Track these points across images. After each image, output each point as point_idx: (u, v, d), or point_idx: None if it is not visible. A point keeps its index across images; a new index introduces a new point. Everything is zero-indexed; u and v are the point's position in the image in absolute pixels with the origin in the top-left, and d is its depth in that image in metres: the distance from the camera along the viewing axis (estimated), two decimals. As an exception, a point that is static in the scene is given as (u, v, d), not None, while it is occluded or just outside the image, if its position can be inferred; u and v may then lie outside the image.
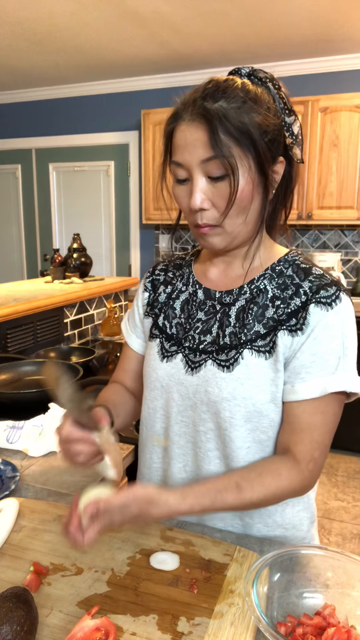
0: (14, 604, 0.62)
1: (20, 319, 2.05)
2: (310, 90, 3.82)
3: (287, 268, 0.85)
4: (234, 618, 0.68)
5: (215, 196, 0.77)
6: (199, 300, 0.90)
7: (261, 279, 0.86)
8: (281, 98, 0.81)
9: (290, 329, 0.81)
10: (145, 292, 1.00)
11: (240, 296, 0.86)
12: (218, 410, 0.83)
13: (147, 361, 0.94)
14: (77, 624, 0.65)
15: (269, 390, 0.81)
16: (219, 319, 0.87)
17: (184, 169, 0.78)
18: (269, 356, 0.81)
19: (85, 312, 2.58)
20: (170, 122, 0.80)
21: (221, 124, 0.73)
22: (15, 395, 1.49)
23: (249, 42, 3.45)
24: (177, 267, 0.99)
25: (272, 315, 0.83)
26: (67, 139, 4.73)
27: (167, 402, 0.91)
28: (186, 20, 3.08)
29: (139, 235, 4.65)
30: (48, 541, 0.84)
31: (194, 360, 0.87)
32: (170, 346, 0.91)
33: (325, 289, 0.80)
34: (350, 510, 2.79)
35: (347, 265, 4.03)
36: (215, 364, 0.84)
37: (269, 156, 0.78)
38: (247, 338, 0.83)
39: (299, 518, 0.91)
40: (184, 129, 0.76)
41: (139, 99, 4.35)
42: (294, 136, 0.82)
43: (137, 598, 0.72)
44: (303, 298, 0.81)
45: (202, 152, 0.75)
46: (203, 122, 0.74)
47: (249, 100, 0.75)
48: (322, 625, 0.66)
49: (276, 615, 0.68)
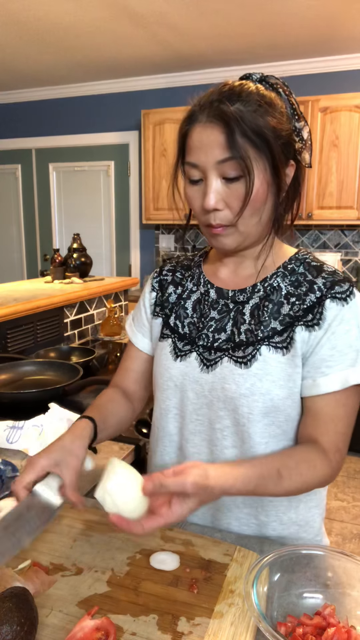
0: (14, 604, 0.62)
1: (20, 319, 2.05)
2: (310, 90, 3.82)
3: (299, 266, 0.87)
4: (234, 618, 0.68)
5: (229, 197, 0.79)
6: (212, 300, 0.91)
7: (274, 277, 0.87)
8: (291, 104, 0.83)
9: (307, 324, 0.82)
10: (153, 292, 1.01)
11: (254, 294, 0.87)
12: (236, 406, 0.84)
13: (159, 361, 0.94)
14: (77, 624, 0.65)
15: (287, 386, 0.83)
16: (232, 317, 0.88)
17: (199, 169, 0.79)
18: (286, 352, 0.83)
19: (85, 312, 2.58)
20: (186, 124, 0.81)
21: (238, 125, 0.74)
22: (15, 395, 1.49)
23: (249, 42, 3.45)
24: (186, 268, 1.00)
25: (287, 312, 0.84)
26: (67, 139, 4.73)
27: (181, 401, 0.91)
28: (186, 20, 3.08)
29: (139, 235, 4.65)
30: (48, 541, 0.84)
31: (209, 358, 0.88)
32: (183, 345, 0.91)
33: (340, 285, 0.83)
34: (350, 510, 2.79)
35: (347, 265, 4.03)
36: (232, 360, 0.85)
37: (283, 158, 0.80)
38: (264, 335, 0.84)
39: (312, 515, 0.92)
40: (200, 130, 0.78)
41: (139, 99, 4.35)
42: (304, 141, 0.84)
43: (137, 598, 0.72)
44: (318, 294, 0.83)
45: (218, 153, 0.76)
46: (220, 124, 0.75)
47: (264, 104, 0.77)
48: (322, 625, 0.66)
49: (276, 615, 0.68)
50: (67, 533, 0.86)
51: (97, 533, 0.86)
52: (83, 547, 0.83)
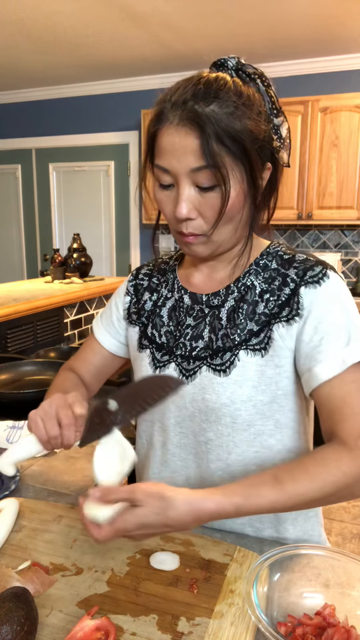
0: (14, 604, 0.62)
1: (20, 319, 2.05)
2: (310, 90, 3.82)
3: (271, 261, 0.84)
4: (234, 618, 0.68)
5: (202, 206, 0.74)
6: (187, 306, 0.88)
7: (247, 276, 0.84)
8: (270, 97, 0.77)
9: (285, 319, 0.78)
10: (127, 296, 0.97)
11: (228, 296, 0.84)
12: (218, 417, 0.81)
13: (139, 373, 0.91)
14: (77, 624, 0.65)
15: (269, 390, 0.80)
16: (209, 323, 0.84)
17: (170, 175, 0.74)
18: (265, 353, 0.79)
19: (85, 312, 2.58)
20: (155, 123, 0.74)
21: (213, 131, 0.69)
22: (15, 395, 1.49)
23: (249, 42, 3.45)
24: (162, 273, 0.96)
25: (263, 310, 0.81)
26: (67, 139, 4.73)
27: (163, 414, 0.88)
28: (186, 20, 3.08)
29: (138, 235, 4.65)
30: (48, 541, 0.84)
31: (187, 368, 0.84)
32: (161, 356, 0.88)
33: (312, 269, 0.79)
34: (350, 510, 2.79)
35: (347, 265, 4.03)
36: (211, 369, 0.82)
37: (259, 164, 0.75)
38: (241, 338, 0.81)
39: (311, 524, 0.90)
40: (172, 132, 0.71)
41: (139, 99, 4.35)
42: (282, 139, 0.78)
43: (137, 598, 0.72)
44: (292, 285, 0.79)
45: (192, 161, 0.70)
46: (194, 128, 0.69)
47: (241, 106, 0.71)
48: (322, 625, 0.66)
49: (276, 615, 0.68)
50: (67, 533, 0.86)
51: (97, 533, 0.86)
52: (83, 547, 0.83)
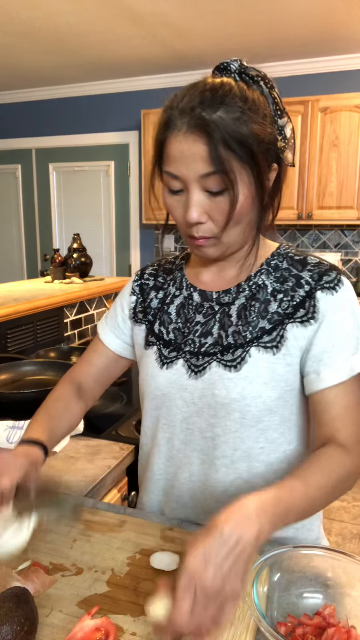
0: (14, 604, 0.62)
1: (20, 319, 2.05)
2: (310, 90, 3.82)
3: (282, 261, 0.85)
4: (234, 618, 0.68)
5: (212, 210, 0.76)
6: (196, 303, 0.89)
7: (258, 275, 0.85)
8: (273, 99, 0.78)
9: (300, 320, 0.81)
10: (133, 295, 0.98)
11: (239, 294, 0.85)
12: (227, 412, 0.82)
13: (145, 370, 0.91)
14: (77, 624, 0.65)
15: (278, 387, 0.81)
16: (219, 320, 0.85)
17: (180, 181, 0.75)
18: (277, 351, 0.81)
19: (85, 312, 2.58)
20: (163, 130, 0.76)
21: (221, 137, 0.70)
22: (15, 395, 1.49)
23: (249, 42, 3.45)
24: (168, 272, 0.97)
25: (276, 310, 0.82)
26: (67, 139, 4.73)
27: (169, 410, 0.88)
28: (186, 20, 3.08)
29: (139, 235, 4.65)
30: (48, 541, 0.84)
31: (196, 364, 0.85)
32: (169, 352, 0.88)
33: (327, 275, 0.81)
34: (350, 510, 2.79)
35: (347, 265, 4.03)
36: (221, 365, 0.82)
37: (266, 166, 0.77)
38: (253, 336, 0.82)
39: (311, 523, 0.90)
40: (181, 139, 0.73)
41: (139, 99, 4.35)
42: (286, 140, 0.80)
43: (137, 598, 0.72)
44: (306, 287, 0.81)
45: (201, 167, 0.72)
46: (202, 135, 0.71)
47: (247, 110, 0.72)
48: (322, 625, 0.66)
49: (276, 615, 0.68)
50: (67, 533, 0.86)
51: (97, 533, 0.86)
52: (83, 547, 0.83)
